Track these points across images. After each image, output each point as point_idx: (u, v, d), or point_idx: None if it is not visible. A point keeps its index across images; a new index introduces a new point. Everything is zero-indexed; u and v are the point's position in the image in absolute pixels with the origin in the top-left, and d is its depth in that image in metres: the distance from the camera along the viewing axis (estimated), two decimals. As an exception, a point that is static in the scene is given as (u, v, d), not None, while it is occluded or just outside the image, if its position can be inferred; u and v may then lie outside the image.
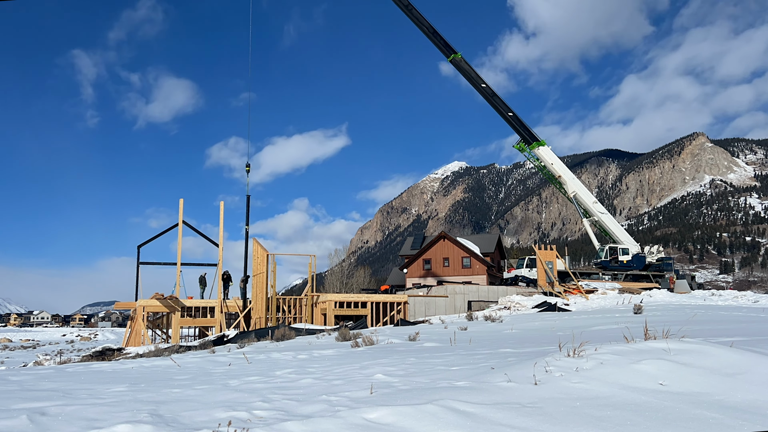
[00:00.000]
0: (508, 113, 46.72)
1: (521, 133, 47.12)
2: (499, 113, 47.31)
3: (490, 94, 46.60)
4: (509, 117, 46.74)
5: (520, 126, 46.97)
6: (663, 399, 5.13)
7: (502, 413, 4.82)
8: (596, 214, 46.54)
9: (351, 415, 4.91)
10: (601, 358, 6.25)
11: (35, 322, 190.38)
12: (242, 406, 5.70)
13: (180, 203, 29.32)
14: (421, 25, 46.24)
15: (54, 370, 11.80)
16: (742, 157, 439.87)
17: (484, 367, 7.37)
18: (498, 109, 47.11)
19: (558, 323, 18.61)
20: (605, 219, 46.78)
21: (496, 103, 46.85)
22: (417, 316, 32.75)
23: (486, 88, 46.53)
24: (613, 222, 47.45)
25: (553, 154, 47.25)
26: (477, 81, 46.52)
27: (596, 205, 47.11)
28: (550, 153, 47.15)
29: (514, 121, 46.81)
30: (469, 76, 46.46)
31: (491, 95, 46.62)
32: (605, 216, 46.96)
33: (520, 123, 46.95)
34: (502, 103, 46.90)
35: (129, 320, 31.30)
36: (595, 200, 47.48)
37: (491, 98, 46.67)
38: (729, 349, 6.34)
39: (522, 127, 46.98)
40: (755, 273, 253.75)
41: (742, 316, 18.56)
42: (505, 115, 46.92)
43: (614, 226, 47.27)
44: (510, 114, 46.67)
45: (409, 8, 45.86)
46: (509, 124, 47.13)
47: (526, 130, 46.99)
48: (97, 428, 4.93)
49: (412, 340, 14.03)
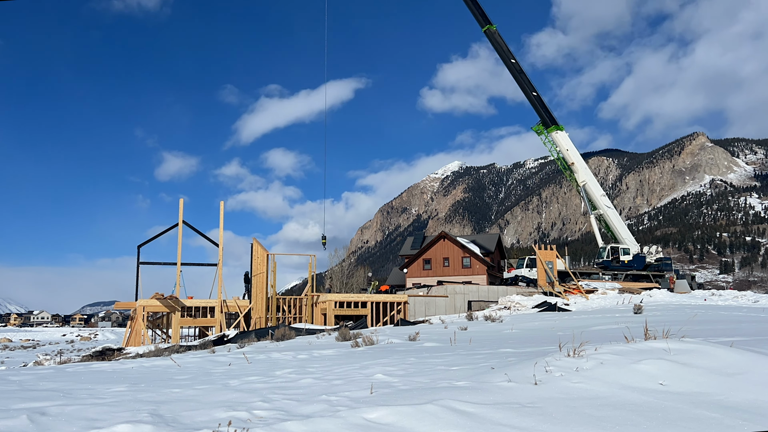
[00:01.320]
0: (533, 92, 47.20)
1: (542, 114, 47.45)
2: (523, 91, 47.80)
3: (518, 71, 47.18)
4: (533, 96, 47.21)
5: (541, 107, 47.36)
6: (663, 399, 5.13)
7: (502, 413, 4.82)
8: (602, 207, 46.52)
9: (351, 415, 4.91)
10: (601, 358, 6.25)
11: (35, 322, 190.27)
12: (242, 406, 5.70)
13: (180, 203, 29.33)
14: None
15: (54, 370, 11.80)
16: (742, 157, 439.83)
17: (484, 367, 7.37)
18: (523, 87, 47.59)
19: (558, 323, 18.62)
20: (610, 214, 46.76)
21: (523, 80, 47.34)
22: (417, 316, 32.75)
23: (515, 64, 47.15)
24: (617, 218, 47.39)
25: (569, 140, 47.49)
26: (507, 55, 47.14)
27: (604, 198, 47.18)
28: (567, 139, 47.41)
29: (537, 101, 47.26)
30: (501, 49, 47.11)
31: (519, 72, 47.20)
32: (611, 210, 46.96)
33: (542, 104, 47.37)
34: (528, 81, 47.45)
35: (129, 320, 31.27)
36: (603, 193, 47.60)
37: (519, 75, 47.23)
38: (729, 349, 6.35)
39: (543, 109, 47.37)
40: (755, 273, 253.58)
41: (742, 316, 18.57)
42: (530, 94, 47.37)
43: (618, 222, 47.19)
44: (534, 94, 47.14)
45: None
46: (531, 104, 47.59)
47: (546, 113, 47.33)
48: (97, 428, 4.93)
49: (412, 340, 14.03)
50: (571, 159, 47.00)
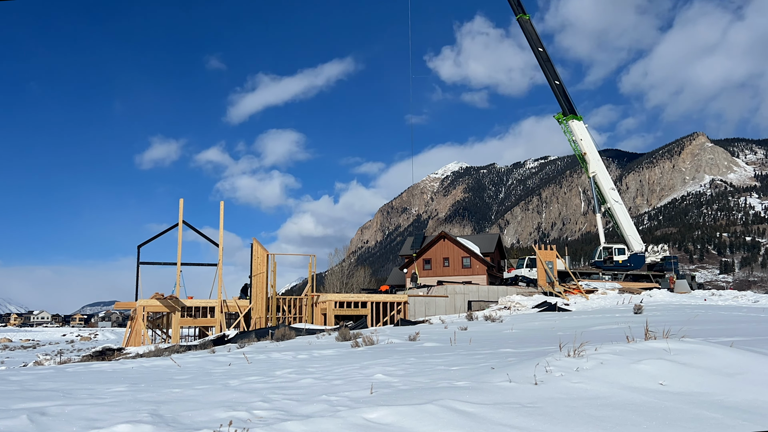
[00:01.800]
0: (556, 81, 48.24)
1: (562, 103, 48.40)
2: (547, 79, 48.78)
3: (545, 60, 48.27)
4: (555, 85, 48.25)
5: (563, 96, 48.32)
6: (663, 399, 5.13)
7: (503, 413, 4.82)
8: (610, 201, 46.82)
9: (351, 415, 4.91)
10: (601, 358, 6.25)
11: (35, 322, 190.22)
12: (242, 406, 5.71)
13: (180, 203, 29.35)
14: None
15: (54, 370, 11.80)
16: (742, 157, 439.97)
17: (484, 367, 7.38)
18: (548, 75, 48.60)
19: (558, 323, 18.62)
20: (617, 209, 46.94)
21: (548, 69, 48.41)
22: (417, 316, 32.75)
23: (542, 52, 48.29)
24: (624, 213, 47.49)
25: (585, 131, 48.40)
26: (537, 44, 48.30)
27: (613, 191, 47.54)
28: (583, 129, 48.34)
29: (559, 90, 48.27)
30: (531, 38, 48.33)
31: (545, 60, 48.29)
32: (618, 205, 47.17)
33: (564, 93, 48.33)
34: (553, 70, 48.55)
35: (129, 320, 31.27)
36: (612, 186, 48.00)
37: (545, 63, 48.28)
38: (729, 349, 6.35)
39: (564, 98, 48.32)
40: (755, 273, 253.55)
41: (742, 316, 18.57)
42: (552, 83, 48.38)
43: (624, 218, 47.25)
44: (557, 82, 48.23)
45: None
46: (553, 92, 48.54)
47: (567, 102, 48.29)
48: (97, 428, 4.93)
49: (412, 340, 14.03)
50: (584, 149, 47.87)
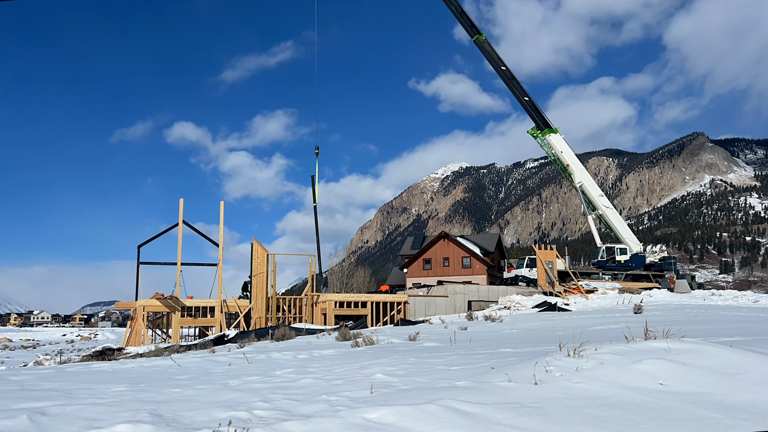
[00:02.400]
0: (524, 97, 47.27)
1: (535, 118, 47.54)
2: (515, 97, 47.89)
3: (509, 77, 47.27)
4: (525, 101, 47.27)
5: (534, 111, 47.42)
6: (663, 399, 5.13)
7: (503, 413, 4.83)
8: (601, 208, 46.54)
9: (351, 415, 4.92)
10: (601, 358, 6.25)
11: (35, 321, 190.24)
12: (242, 406, 5.71)
13: (180, 203, 29.37)
14: (450, 4, 47.37)
15: (54, 369, 11.81)
16: (742, 157, 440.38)
17: (484, 367, 7.38)
18: (515, 93, 47.69)
19: (558, 323, 18.63)
20: (609, 214, 46.73)
21: (514, 86, 47.43)
22: (417, 315, 32.77)
23: (506, 70, 47.26)
24: (617, 218, 47.37)
25: (564, 143, 47.52)
26: (498, 63, 47.23)
27: (602, 198, 47.18)
28: (561, 141, 47.45)
29: (529, 105, 47.33)
30: (491, 57, 47.27)
31: (510, 78, 47.28)
32: (610, 210, 46.92)
33: (535, 108, 47.42)
34: (520, 87, 47.56)
35: (129, 320, 31.30)
36: (601, 193, 47.57)
37: (510, 81, 47.30)
38: (729, 349, 6.35)
39: (536, 113, 47.42)
40: (755, 273, 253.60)
41: (742, 315, 18.58)
42: (522, 99, 47.42)
43: (618, 222, 47.18)
44: (526, 99, 47.23)
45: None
46: (524, 109, 47.61)
47: (540, 116, 47.36)
48: (97, 428, 4.94)
49: (412, 340, 14.03)
50: (566, 161, 47.07)
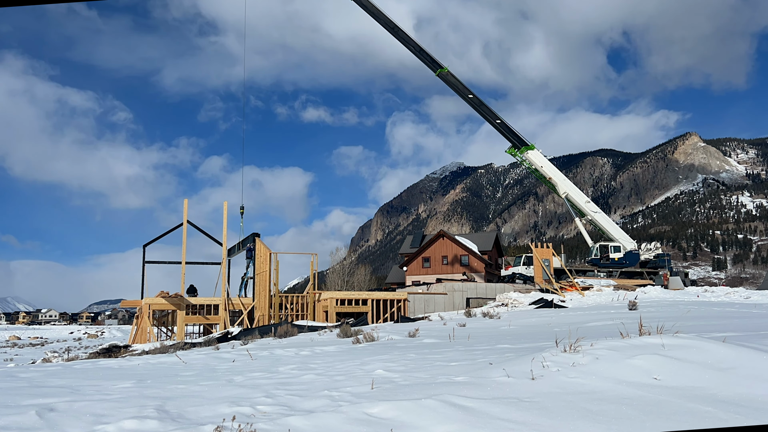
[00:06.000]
0: (496, 120, 46.66)
1: (510, 139, 47.21)
2: (487, 120, 47.27)
3: (478, 104, 46.56)
4: (497, 124, 46.63)
5: (508, 132, 46.90)
6: (658, 393, 5.25)
7: (501, 407, 4.94)
8: (590, 213, 46.73)
9: (352, 410, 5.03)
10: (596, 354, 6.37)
11: (43, 320, 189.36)
12: (246, 402, 5.81)
13: (185, 204, 29.47)
14: (408, 45, 46.17)
15: (62, 367, 11.86)
16: (734, 156, 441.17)
17: (482, 363, 7.49)
18: (486, 118, 47.09)
19: (554, 320, 18.74)
20: (598, 218, 46.95)
21: (485, 111, 46.76)
22: (416, 313, 32.86)
23: (473, 98, 46.49)
24: (606, 220, 47.65)
25: (542, 158, 47.34)
26: (464, 92, 46.44)
27: (589, 204, 47.29)
28: (540, 156, 47.24)
29: (502, 127, 46.75)
30: (457, 88, 46.43)
31: (479, 104, 46.59)
32: (598, 215, 47.13)
33: (508, 129, 46.88)
34: (490, 111, 46.89)
35: (135, 318, 31.36)
36: (587, 200, 47.64)
37: (479, 107, 46.63)
38: (722, 344, 6.47)
39: (510, 133, 46.95)
40: (747, 270, 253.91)
41: (734, 311, 18.71)
42: (493, 123, 46.83)
43: (608, 224, 47.49)
44: (498, 121, 46.60)
45: (395, 30, 45.68)
46: (498, 131, 47.07)
47: (514, 136, 46.95)
48: (104, 423, 5.03)
49: (412, 337, 14.12)
50: (548, 174, 47.08)
